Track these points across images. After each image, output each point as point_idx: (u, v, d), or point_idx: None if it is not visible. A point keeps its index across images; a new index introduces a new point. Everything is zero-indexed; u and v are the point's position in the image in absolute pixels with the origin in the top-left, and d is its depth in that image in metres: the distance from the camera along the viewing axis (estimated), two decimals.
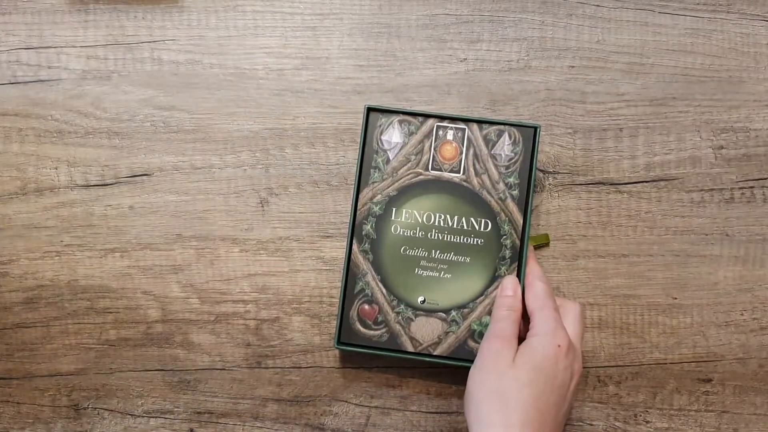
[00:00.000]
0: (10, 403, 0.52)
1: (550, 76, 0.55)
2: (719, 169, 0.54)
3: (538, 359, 0.44)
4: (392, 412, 0.52)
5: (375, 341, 0.50)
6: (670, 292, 0.53)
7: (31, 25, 0.55)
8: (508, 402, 0.42)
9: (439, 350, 0.50)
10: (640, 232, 0.54)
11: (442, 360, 0.50)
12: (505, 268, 0.51)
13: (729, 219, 0.54)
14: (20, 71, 0.54)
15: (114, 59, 0.55)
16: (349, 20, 0.55)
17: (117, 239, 0.53)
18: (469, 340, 0.50)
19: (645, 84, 0.55)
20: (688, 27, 0.55)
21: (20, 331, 0.53)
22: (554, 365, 0.44)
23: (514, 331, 0.46)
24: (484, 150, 0.52)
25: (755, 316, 0.53)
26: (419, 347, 0.50)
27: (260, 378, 0.52)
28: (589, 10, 0.55)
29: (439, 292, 0.50)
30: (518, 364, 0.44)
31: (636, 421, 0.52)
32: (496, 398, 0.43)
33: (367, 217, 0.51)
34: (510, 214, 0.51)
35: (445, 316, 0.50)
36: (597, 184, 0.54)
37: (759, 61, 0.55)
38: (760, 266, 0.54)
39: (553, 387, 0.43)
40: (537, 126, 0.51)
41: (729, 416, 0.53)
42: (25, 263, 0.53)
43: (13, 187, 0.53)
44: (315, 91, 0.55)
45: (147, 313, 0.53)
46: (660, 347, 0.53)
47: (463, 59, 0.55)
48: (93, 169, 0.54)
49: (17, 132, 0.54)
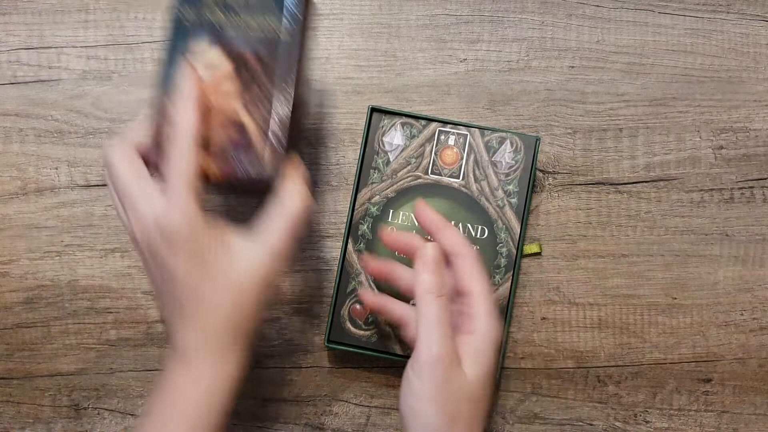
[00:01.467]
0: (10, 403, 0.52)
1: (549, 76, 0.55)
2: (719, 169, 0.54)
3: (490, 369, 0.40)
4: (392, 412, 0.52)
5: (365, 342, 0.50)
6: (670, 292, 0.53)
7: (31, 25, 0.55)
8: (458, 423, 0.38)
9: None
10: (639, 232, 0.54)
11: None
12: (499, 277, 0.51)
13: (729, 219, 0.54)
14: (20, 71, 0.54)
15: (114, 59, 0.55)
16: (349, 20, 0.55)
17: (117, 239, 0.53)
18: None
19: (645, 84, 0.55)
20: (688, 27, 0.56)
21: (20, 331, 0.53)
22: (496, 365, 0.40)
23: (450, 329, 0.40)
24: (485, 157, 0.52)
25: (755, 316, 0.53)
26: (408, 350, 0.50)
27: (260, 378, 0.52)
28: (589, 11, 0.55)
29: None
30: (471, 382, 0.39)
31: (636, 421, 0.52)
32: (447, 418, 0.38)
33: (363, 218, 0.51)
34: (507, 222, 0.51)
35: None
36: (597, 184, 0.54)
37: (759, 61, 0.55)
38: (760, 266, 0.54)
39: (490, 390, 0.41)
40: (538, 137, 0.51)
41: (729, 416, 0.53)
42: (25, 263, 0.53)
43: (14, 187, 0.53)
44: (315, 91, 0.55)
45: (147, 313, 0.53)
46: (660, 347, 0.53)
47: (463, 59, 0.55)
48: (93, 169, 0.54)
49: (17, 132, 0.54)
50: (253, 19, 0.42)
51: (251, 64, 0.42)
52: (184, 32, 0.42)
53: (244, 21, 0.42)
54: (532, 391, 0.53)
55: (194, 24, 0.42)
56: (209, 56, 0.42)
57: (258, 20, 0.42)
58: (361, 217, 0.51)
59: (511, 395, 0.53)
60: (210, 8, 0.42)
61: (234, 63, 0.42)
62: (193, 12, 0.43)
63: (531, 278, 0.53)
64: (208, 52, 0.42)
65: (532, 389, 0.53)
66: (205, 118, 0.40)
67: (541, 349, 0.53)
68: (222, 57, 0.42)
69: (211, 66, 0.42)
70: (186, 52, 0.42)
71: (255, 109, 0.41)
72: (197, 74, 0.41)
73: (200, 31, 0.42)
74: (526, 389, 0.53)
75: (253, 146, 0.41)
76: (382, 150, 0.52)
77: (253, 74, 0.42)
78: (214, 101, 0.41)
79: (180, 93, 0.40)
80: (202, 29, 0.42)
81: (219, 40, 0.42)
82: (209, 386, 0.39)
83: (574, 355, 0.53)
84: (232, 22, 0.42)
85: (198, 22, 0.42)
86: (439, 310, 0.39)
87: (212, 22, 0.42)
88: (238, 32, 0.42)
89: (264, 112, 0.41)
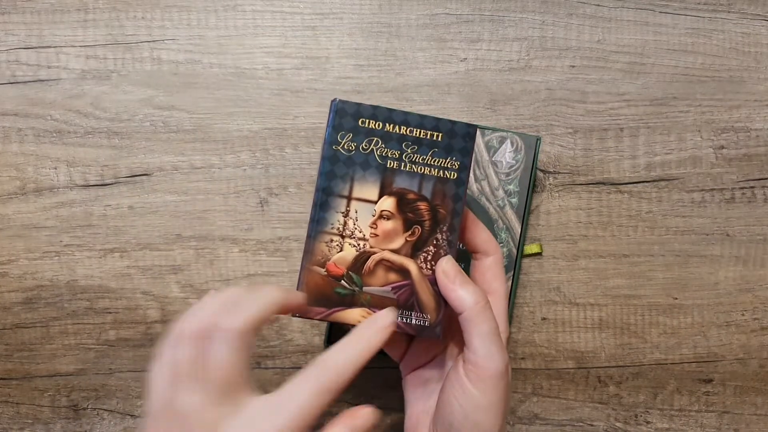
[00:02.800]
0: (10, 404, 0.52)
1: (550, 75, 0.55)
2: (720, 169, 0.54)
3: (505, 401, 0.38)
4: (392, 412, 0.52)
5: None
6: (671, 292, 0.53)
7: (30, 25, 0.55)
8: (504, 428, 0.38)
9: None
10: (640, 232, 0.54)
11: None
12: None
13: (730, 219, 0.54)
14: (19, 71, 0.54)
15: (113, 59, 0.54)
16: (349, 20, 0.55)
17: (116, 239, 0.53)
18: None
19: (645, 84, 0.55)
20: (689, 27, 0.55)
21: (19, 331, 0.52)
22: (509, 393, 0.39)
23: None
24: (486, 156, 0.52)
25: (756, 316, 0.53)
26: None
27: (260, 378, 0.52)
28: (589, 10, 0.55)
29: None
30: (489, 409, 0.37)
31: (636, 421, 0.52)
32: (502, 426, 0.38)
33: None
34: (508, 222, 0.51)
35: None
36: (597, 184, 0.54)
37: (760, 60, 0.55)
38: (761, 266, 0.54)
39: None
40: (538, 137, 0.51)
41: (730, 416, 0.52)
42: (24, 263, 0.53)
43: (13, 187, 0.53)
44: (315, 91, 0.54)
45: (146, 313, 0.53)
46: (660, 347, 0.53)
47: (464, 59, 0.55)
48: (92, 169, 0.54)
49: (16, 132, 0.54)
50: (433, 157, 0.38)
51: (416, 204, 0.38)
52: (347, 165, 0.38)
53: (422, 158, 0.38)
54: (533, 391, 0.53)
55: (356, 156, 0.38)
56: (380, 206, 0.38)
57: (438, 158, 0.39)
58: None
59: (512, 396, 0.52)
60: (369, 137, 0.38)
61: (405, 213, 0.38)
62: (354, 142, 0.38)
63: (531, 278, 0.53)
64: (380, 202, 0.38)
65: (533, 390, 0.53)
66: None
67: (542, 350, 0.53)
68: (392, 203, 0.38)
69: (381, 216, 0.38)
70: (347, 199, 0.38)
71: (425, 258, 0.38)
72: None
73: (364, 166, 0.38)
74: (526, 389, 0.53)
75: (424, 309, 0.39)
76: None
77: (423, 222, 0.38)
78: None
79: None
80: (365, 164, 0.38)
81: (383, 177, 0.38)
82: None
83: (575, 355, 0.53)
84: (409, 158, 0.38)
85: (361, 154, 0.38)
86: (492, 320, 0.38)
87: (375, 154, 0.38)
88: (402, 166, 0.38)
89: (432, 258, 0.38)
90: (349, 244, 0.38)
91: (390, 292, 0.38)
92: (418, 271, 0.39)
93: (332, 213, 0.38)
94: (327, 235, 0.38)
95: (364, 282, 0.38)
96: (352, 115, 0.38)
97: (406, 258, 0.39)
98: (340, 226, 0.38)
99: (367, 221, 0.38)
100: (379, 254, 0.38)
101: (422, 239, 0.39)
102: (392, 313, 0.37)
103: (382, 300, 0.38)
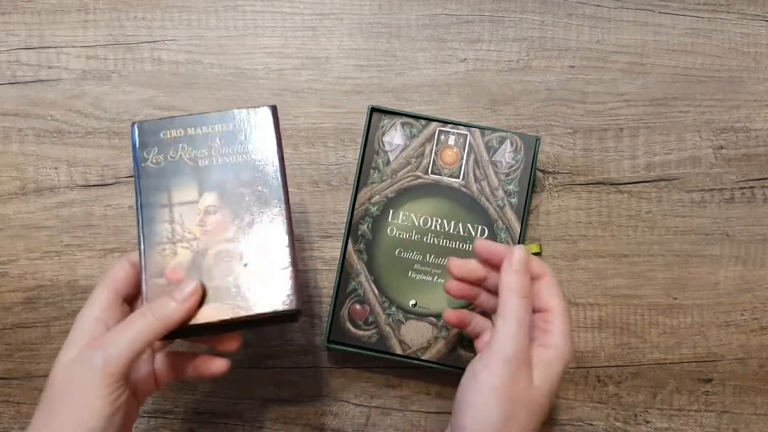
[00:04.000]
0: (10, 403, 0.52)
1: (550, 76, 0.55)
2: (719, 169, 0.54)
3: (555, 384, 0.39)
4: (392, 412, 0.52)
5: (364, 342, 0.50)
6: (671, 292, 0.53)
7: (30, 25, 0.55)
8: (512, 424, 0.38)
9: (428, 355, 0.50)
10: (640, 232, 0.54)
11: (431, 365, 0.50)
12: None
13: (729, 219, 0.54)
14: (20, 71, 0.54)
15: (114, 59, 0.55)
16: (349, 20, 0.55)
17: (116, 239, 0.53)
18: (459, 347, 0.50)
19: (645, 84, 0.55)
20: (689, 27, 0.55)
21: (20, 331, 0.53)
22: (560, 383, 0.40)
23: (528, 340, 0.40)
24: (485, 156, 0.52)
25: (755, 316, 0.53)
26: (408, 350, 0.50)
27: (260, 378, 0.52)
28: (589, 10, 0.55)
29: (432, 296, 0.50)
30: (536, 389, 0.38)
31: (636, 421, 0.52)
32: (503, 416, 0.38)
33: (363, 218, 0.51)
34: (508, 222, 0.51)
35: (436, 320, 0.50)
36: (597, 184, 0.54)
37: (759, 61, 0.55)
38: (761, 266, 0.54)
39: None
40: (538, 137, 0.51)
41: (729, 416, 0.53)
42: (24, 263, 0.53)
43: (13, 187, 0.53)
44: (315, 91, 0.55)
45: None
46: (660, 347, 0.53)
47: (463, 59, 0.55)
48: (93, 169, 0.54)
49: (17, 132, 0.54)
50: (240, 145, 0.41)
51: (237, 191, 0.40)
52: (160, 176, 0.40)
53: (229, 149, 0.41)
54: None
55: (166, 166, 0.40)
56: (203, 203, 0.40)
57: (244, 145, 0.41)
58: (361, 217, 0.51)
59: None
60: (175, 145, 0.41)
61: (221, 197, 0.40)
62: (161, 154, 0.41)
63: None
64: (201, 199, 0.40)
65: None
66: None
67: None
68: (214, 197, 0.40)
69: (207, 212, 0.40)
70: (171, 204, 0.40)
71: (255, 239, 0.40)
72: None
73: (176, 173, 0.40)
74: None
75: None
76: (382, 150, 0.52)
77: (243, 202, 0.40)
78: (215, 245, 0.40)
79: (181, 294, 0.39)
80: (177, 171, 0.40)
81: (199, 176, 0.40)
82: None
83: (575, 355, 0.53)
84: (218, 152, 0.41)
85: (170, 162, 0.41)
86: (521, 309, 0.39)
87: (185, 158, 0.41)
88: (214, 161, 0.41)
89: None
90: (182, 248, 0.40)
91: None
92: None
93: (158, 224, 0.40)
94: (158, 246, 0.40)
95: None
96: (153, 132, 0.41)
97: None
98: (168, 234, 0.40)
99: (194, 221, 0.40)
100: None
101: (253, 222, 0.40)
102: (193, 282, 0.39)
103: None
